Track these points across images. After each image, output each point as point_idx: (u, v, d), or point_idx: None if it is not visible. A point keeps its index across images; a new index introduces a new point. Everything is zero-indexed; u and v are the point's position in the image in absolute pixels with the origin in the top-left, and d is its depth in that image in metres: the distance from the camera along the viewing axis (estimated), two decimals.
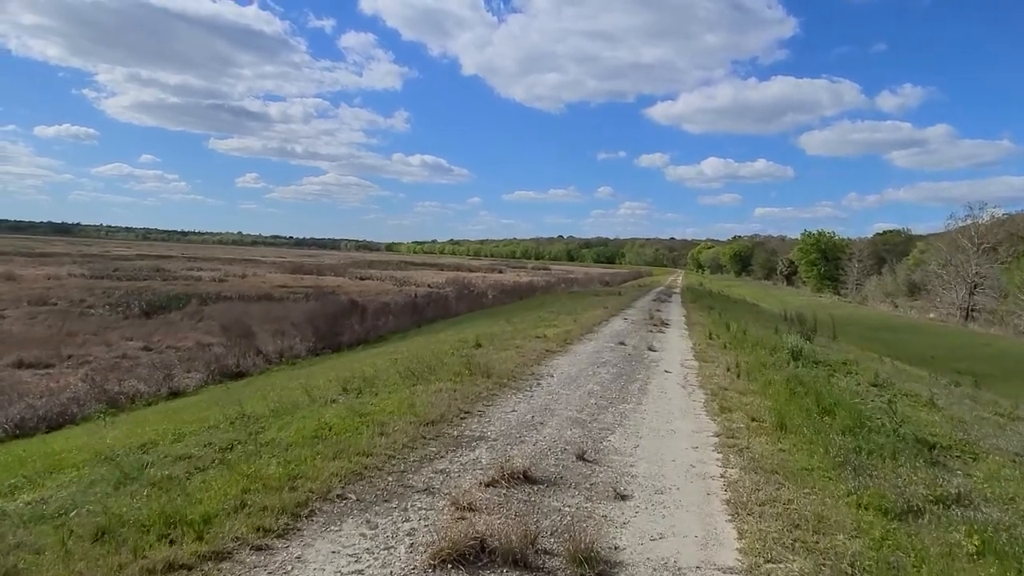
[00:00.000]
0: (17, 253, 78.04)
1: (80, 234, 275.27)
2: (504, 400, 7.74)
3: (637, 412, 7.55)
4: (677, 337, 15.83)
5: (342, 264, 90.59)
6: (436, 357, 10.84)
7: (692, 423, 7.19)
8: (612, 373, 10.06)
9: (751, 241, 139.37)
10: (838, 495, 4.91)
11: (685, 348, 13.75)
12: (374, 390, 8.02)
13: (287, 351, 19.43)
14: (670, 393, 8.84)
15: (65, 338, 21.40)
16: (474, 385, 8.29)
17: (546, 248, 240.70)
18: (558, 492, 4.71)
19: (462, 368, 9.19)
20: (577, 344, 13.19)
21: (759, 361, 11.47)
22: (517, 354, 11.22)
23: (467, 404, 7.28)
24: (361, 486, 4.56)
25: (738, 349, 13.25)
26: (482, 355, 10.92)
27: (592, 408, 7.59)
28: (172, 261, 79.32)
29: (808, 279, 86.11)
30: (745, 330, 16.24)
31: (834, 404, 7.93)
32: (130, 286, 42.67)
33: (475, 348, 11.93)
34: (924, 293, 61.98)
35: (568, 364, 10.70)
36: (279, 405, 7.29)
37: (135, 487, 4.35)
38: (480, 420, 6.69)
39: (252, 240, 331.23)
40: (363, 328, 24.64)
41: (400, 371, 9.13)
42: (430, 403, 7.08)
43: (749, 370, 10.51)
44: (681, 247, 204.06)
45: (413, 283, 58.14)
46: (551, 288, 48.02)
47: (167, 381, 14.79)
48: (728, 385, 9.45)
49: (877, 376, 11.91)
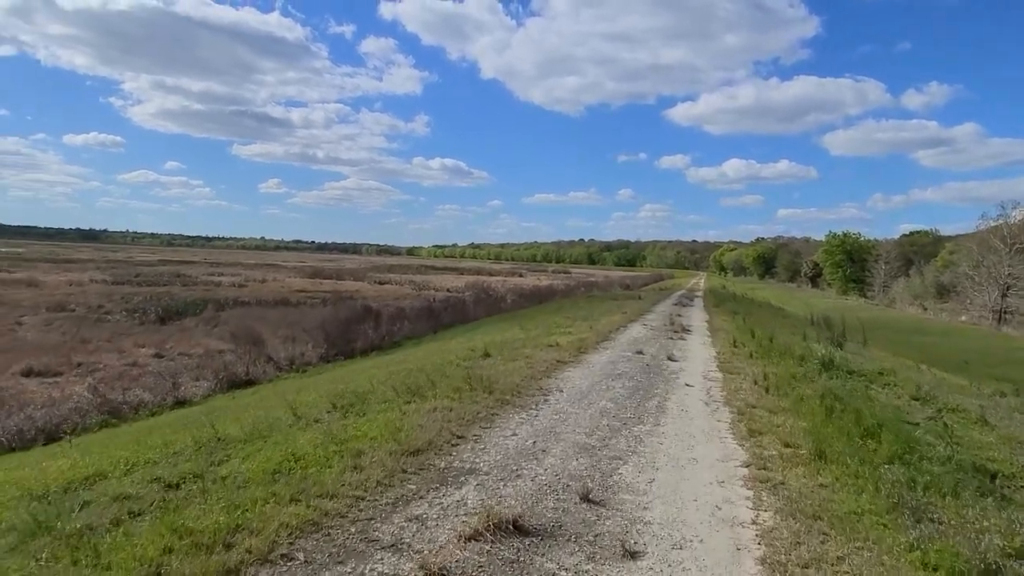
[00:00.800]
0: (43, 259, 79.18)
1: (107, 240, 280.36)
2: (505, 421, 6.93)
3: (654, 435, 6.69)
4: (699, 345, 14.83)
5: (362, 268, 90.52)
6: (439, 368, 10.09)
7: (717, 449, 6.31)
8: (628, 387, 9.17)
9: (774, 243, 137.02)
10: (898, 550, 4.02)
11: (708, 357, 12.77)
12: (363, 408, 7.25)
13: (298, 358, 18.85)
14: (692, 411, 7.95)
15: (78, 345, 21.08)
16: (473, 403, 7.49)
17: (567, 251, 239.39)
18: (554, 548, 3.88)
19: (464, 382, 8.40)
20: (592, 353, 12.31)
21: (788, 372, 10.47)
22: (526, 365, 10.40)
23: (462, 427, 6.46)
24: (314, 540, 3.77)
25: (765, 358, 12.22)
26: (489, 366, 10.17)
27: (603, 431, 6.73)
28: (194, 266, 79.95)
29: (833, 281, 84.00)
30: (772, 337, 15.09)
31: (878, 425, 6.97)
32: (149, 292, 42.64)
33: (483, 358, 11.17)
34: (954, 295, 60.11)
35: (580, 377, 9.85)
36: (255, 427, 6.56)
37: (43, 542, 3.62)
38: (474, 447, 5.87)
39: (275, 245, 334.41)
40: (377, 334, 24.02)
41: (397, 385, 8.35)
42: (419, 426, 6.28)
43: (778, 383, 9.55)
44: (703, 249, 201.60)
45: (432, 287, 57.64)
46: (570, 292, 47.11)
47: (173, 391, 14.24)
48: (756, 401, 8.51)
49: (918, 388, 10.87)
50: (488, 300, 37.01)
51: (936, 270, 67.43)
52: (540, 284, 61.39)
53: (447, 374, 9.35)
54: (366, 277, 69.39)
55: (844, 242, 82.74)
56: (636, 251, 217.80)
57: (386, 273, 78.75)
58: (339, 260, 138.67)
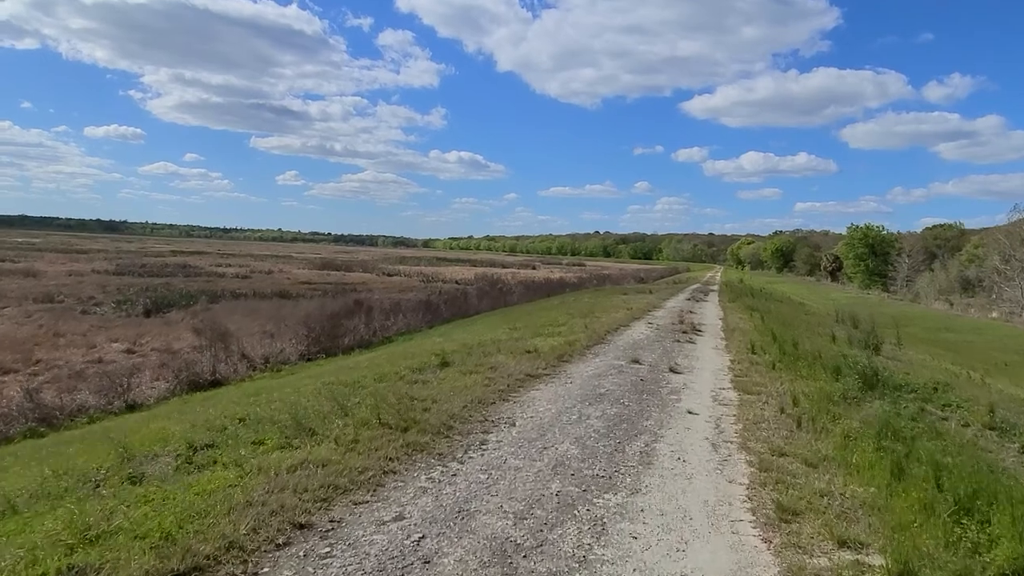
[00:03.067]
0: (55, 249, 78.94)
1: (127, 231, 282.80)
2: (398, 488, 4.82)
3: (626, 518, 4.50)
4: (710, 349, 13.05)
5: (374, 260, 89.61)
6: (372, 383, 8.14)
7: (727, 555, 4.05)
8: (608, 417, 7.13)
9: (793, 236, 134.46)
10: None
11: (720, 367, 10.90)
12: (215, 455, 5.39)
13: (275, 356, 17.61)
14: (692, 463, 5.80)
15: (49, 339, 19.99)
16: (371, 451, 5.44)
17: (582, 244, 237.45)
18: None
19: (376, 413, 6.34)
20: (576, 362, 10.50)
21: (822, 392, 8.44)
22: (483, 381, 8.47)
23: (317, 504, 4.40)
24: None
25: (791, 370, 10.27)
26: (435, 383, 8.28)
27: (546, 509, 4.55)
28: (205, 257, 79.43)
29: (855, 275, 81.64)
30: (796, 342, 13.01)
31: (974, 492, 4.67)
32: (147, 282, 41.80)
33: (439, 367, 9.43)
34: (980, 290, 57.91)
35: (549, 399, 7.82)
36: (45, 484, 4.99)
37: None
38: (306, 557, 3.74)
39: (292, 237, 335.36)
40: (368, 329, 22.78)
41: (294, 413, 6.36)
42: (245, 503, 4.25)
43: (812, 411, 7.46)
44: (720, 242, 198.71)
45: (440, 279, 56.52)
46: (581, 285, 45.66)
47: (124, 393, 13.04)
48: (784, 443, 6.44)
49: (991, 412, 8.56)
50: (493, 293, 35.65)
51: (961, 264, 65.22)
52: (551, 277, 59.89)
53: (375, 394, 7.23)
54: (375, 269, 68.35)
55: (867, 235, 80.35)
56: (652, 244, 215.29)
57: (397, 265, 77.72)
58: (353, 252, 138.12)
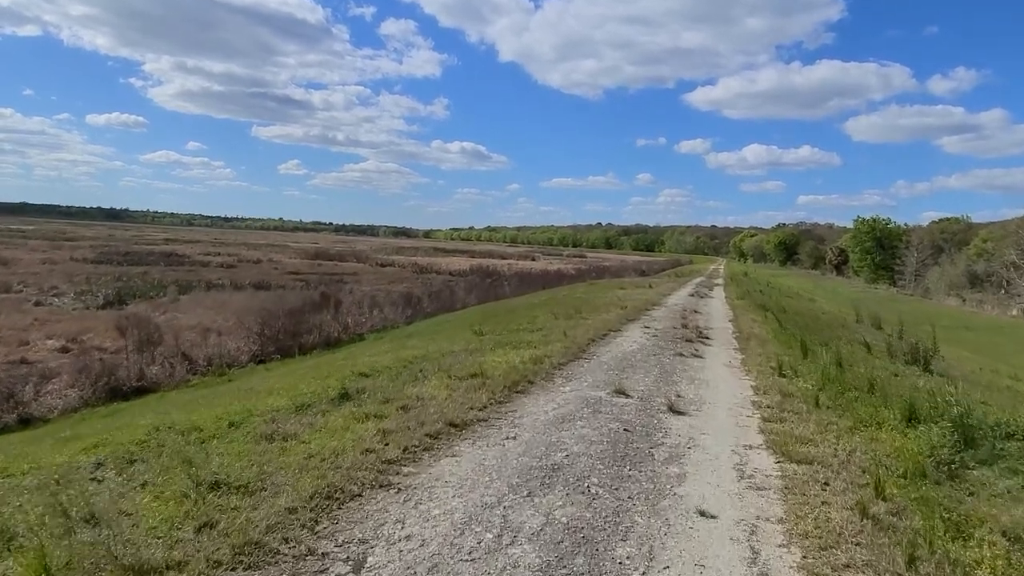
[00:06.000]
0: (43, 237, 76.98)
1: (128, 219, 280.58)
2: None
3: None
4: (723, 367, 10.00)
5: (371, 250, 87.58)
6: (196, 433, 5.58)
7: None
8: (553, 533, 3.86)
9: (796, 229, 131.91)
10: None
11: (739, 399, 7.79)
12: None
13: (223, 356, 15.65)
14: None
15: None
16: None
17: (584, 235, 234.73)
18: None
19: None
20: (536, 394, 7.48)
21: (912, 456, 5.35)
22: (375, 434, 5.44)
23: None
24: None
25: (842, 407, 7.22)
26: (295, 441, 5.30)
27: None
28: (196, 246, 77.52)
29: (861, 269, 79.41)
30: (840, 359, 9.72)
31: None
32: (123, 271, 39.89)
33: (333, 403, 6.55)
34: (988, 285, 55.85)
35: (462, 481, 4.66)
36: None
37: None
38: None
39: (294, 226, 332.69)
40: (339, 324, 20.84)
41: None
42: None
43: (913, 508, 4.39)
44: (723, 235, 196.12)
45: (435, 270, 54.62)
46: (579, 277, 43.60)
47: (19, 405, 11.12)
48: None
49: None
50: (483, 287, 33.64)
51: (968, 258, 63.08)
52: (549, 269, 57.98)
53: (164, 468, 4.57)
54: (368, 259, 66.43)
55: (874, 228, 78.08)
56: (654, 236, 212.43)
57: (393, 255, 75.76)
58: (352, 242, 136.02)
